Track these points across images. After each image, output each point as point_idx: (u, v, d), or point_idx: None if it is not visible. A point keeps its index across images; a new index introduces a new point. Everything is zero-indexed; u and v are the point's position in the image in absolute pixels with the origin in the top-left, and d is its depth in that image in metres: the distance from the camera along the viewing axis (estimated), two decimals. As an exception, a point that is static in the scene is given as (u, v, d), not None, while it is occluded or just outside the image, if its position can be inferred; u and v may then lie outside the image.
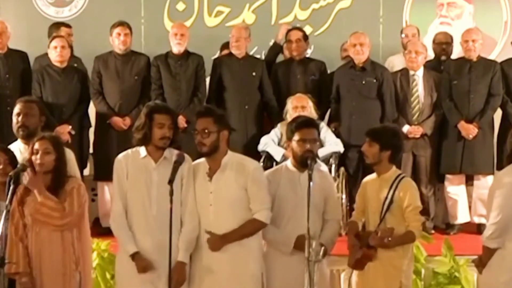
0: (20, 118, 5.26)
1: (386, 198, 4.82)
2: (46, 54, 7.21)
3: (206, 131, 4.60)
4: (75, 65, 7.41)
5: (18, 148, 5.23)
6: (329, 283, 5.09)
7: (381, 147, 4.88)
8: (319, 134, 4.93)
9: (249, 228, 4.65)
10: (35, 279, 4.71)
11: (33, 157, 4.74)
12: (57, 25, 7.86)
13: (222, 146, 4.67)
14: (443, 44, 7.76)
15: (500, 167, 4.95)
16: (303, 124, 4.85)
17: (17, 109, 5.31)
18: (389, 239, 4.71)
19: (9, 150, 5.12)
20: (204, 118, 4.64)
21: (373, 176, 5.04)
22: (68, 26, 7.85)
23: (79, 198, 4.79)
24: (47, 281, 4.72)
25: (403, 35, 8.05)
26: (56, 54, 7.08)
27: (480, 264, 4.79)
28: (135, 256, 4.58)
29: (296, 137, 4.80)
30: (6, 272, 4.61)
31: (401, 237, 4.78)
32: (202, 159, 4.74)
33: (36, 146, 4.76)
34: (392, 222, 4.80)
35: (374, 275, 4.84)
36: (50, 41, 7.14)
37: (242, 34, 7.46)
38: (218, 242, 4.59)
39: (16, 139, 5.34)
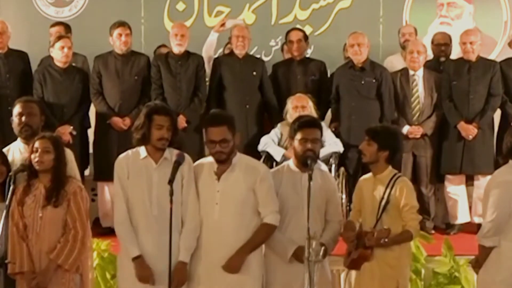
0: (23, 118, 5.24)
1: (382, 198, 4.82)
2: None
3: (225, 141, 4.59)
4: (74, 64, 7.40)
5: (18, 148, 5.22)
6: (331, 284, 5.08)
7: (379, 147, 4.87)
8: (321, 134, 4.92)
9: (263, 234, 4.67)
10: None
11: (32, 156, 4.75)
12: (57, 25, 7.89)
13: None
14: (442, 45, 7.76)
15: (498, 166, 4.96)
16: (305, 123, 4.85)
17: (18, 109, 5.27)
18: (386, 240, 4.71)
19: (1, 151, 5.12)
20: (218, 128, 4.60)
21: (368, 175, 5.04)
22: (64, 25, 7.88)
23: (82, 206, 4.79)
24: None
25: (399, 35, 8.07)
26: (62, 55, 7.06)
27: (477, 264, 4.81)
28: (136, 260, 4.58)
29: (298, 136, 4.80)
30: (10, 272, 4.62)
31: (397, 236, 4.77)
32: (209, 158, 4.74)
33: (36, 144, 4.77)
34: (388, 222, 4.79)
35: (371, 274, 4.83)
36: (55, 42, 7.12)
37: (245, 34, 7.47)
38: (236, 259, 4.58)
39: (15, 139, 5.34)
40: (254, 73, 7.46)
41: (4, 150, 5.22)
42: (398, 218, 4.81)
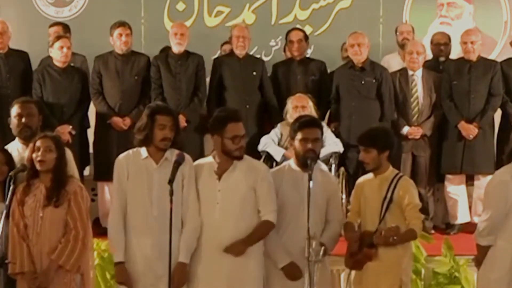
0: (23, 119, 5.24)
1: (385, 197, 4.83)
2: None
3: (245, 135, 4.69)
4: (72, 64, 7.39)
5: (16, 148, 5.22)
6: (330, 284, 5.08)
7: (378, 150, 4.88)
8: (322, 133, 4.92)
9: (264, 229, 4.68)
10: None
11: (34, 155, 4.74)
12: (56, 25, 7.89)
13: None
14: (441, 44, 7.76)
15: (499, 166, 4.98)
16: (306, 123, 4.85)
17: (17, 110, 5.28)
18: (395, 238, 4.71)
19: (6, 150, 5.11)
20: (239, 123, 4.67)
21: (369, 176, 5.04)
22: (63, 25, 7.87)
23: (82, 206, 4.79)
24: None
25: (397, 33, 8.07)
26: (61, 55, 7.05)
27: (478, 263, 4.86)
28: (118, 265, 4.60)
29: (298, 136, 4.80)
30: (10, 272, 4.62)
31: (403, 235, 4.78)
32: (209, 158, 4.75)
33: (38, 143, 4.76)
34: (391, 221, 4.80)
35: (374, 273, 4.84)
36: (54, 42, 7.12)
37: (246, 34, 7.47)
38: (241, 246, 4.59)
39: (14, 139, 5.33)
40: (254, 73, 7.47)
41: (1, 149, 5.23)
42: (401, 217, 4.82)
